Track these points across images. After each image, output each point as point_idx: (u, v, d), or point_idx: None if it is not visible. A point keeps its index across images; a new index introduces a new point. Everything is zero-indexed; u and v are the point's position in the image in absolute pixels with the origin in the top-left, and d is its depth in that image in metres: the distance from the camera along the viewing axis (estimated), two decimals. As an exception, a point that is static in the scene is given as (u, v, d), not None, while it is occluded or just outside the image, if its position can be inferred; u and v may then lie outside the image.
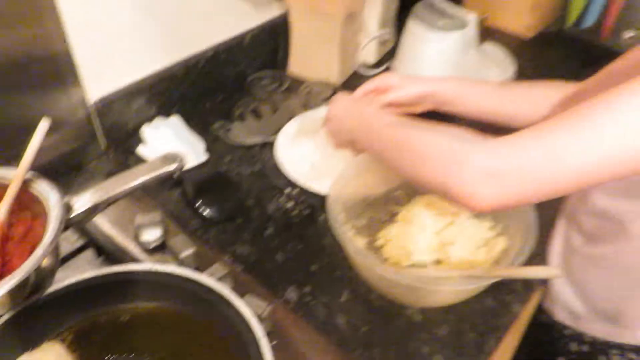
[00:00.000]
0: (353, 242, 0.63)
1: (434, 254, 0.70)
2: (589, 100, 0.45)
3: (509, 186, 0.47)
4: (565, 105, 0.64)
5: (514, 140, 0.47)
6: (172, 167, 0.66)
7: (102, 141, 0.86)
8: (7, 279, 0.52)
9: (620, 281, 0.64)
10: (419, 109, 0.76)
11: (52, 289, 0.58)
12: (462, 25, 0.93)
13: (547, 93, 0.68)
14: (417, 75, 0.87)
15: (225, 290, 0.58)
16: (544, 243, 0.75)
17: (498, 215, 0.70)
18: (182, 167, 0.67)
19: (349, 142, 0.70)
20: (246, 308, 0.56)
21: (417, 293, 0.62)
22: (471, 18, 0.93)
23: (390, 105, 0.74)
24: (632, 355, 0.65)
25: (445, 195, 0.51)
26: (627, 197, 0.60)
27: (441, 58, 0.95)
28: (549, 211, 0.73)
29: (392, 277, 0.59)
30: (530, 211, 0.64)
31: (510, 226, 0.67)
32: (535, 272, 0.59)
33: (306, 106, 0.98)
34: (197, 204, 0.77)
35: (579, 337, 0.72)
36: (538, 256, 0.75)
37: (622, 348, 0.66)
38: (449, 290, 0.62)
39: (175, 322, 0.59)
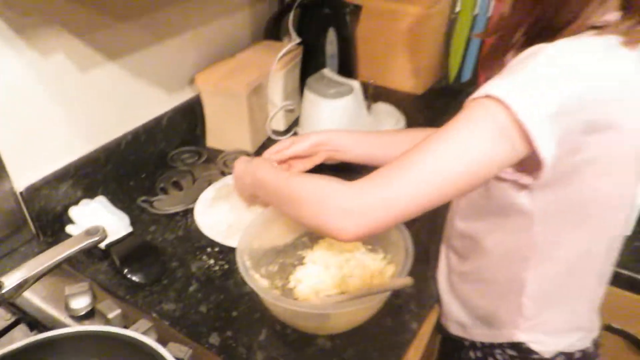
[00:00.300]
0: (258, 283, 0.73)
1: (338, 288, 0.81)
2: (427, 137, 0.58)
3: (368, 217, 0.59)
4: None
5: (368, 179, 0.60)
6: (95, 239, 0.75)
7: (31, 226, 0.93)
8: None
9: (488, 291, 0.76)
10: (318, 160, 0.89)
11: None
12: (350, 91, 1.09)
13: (414, 136, 0.83)
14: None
15: (147, 340, 0.65)
16: (435, 267, 0.87)
17: (386, 247, 0.82)
18: (104, 238, 0.76)
19: (252, 197, 0.81)
20: (169, 354, 0.64)
21: (319, 320, 0.72)
22: (356, 84, 1.09)
23: (292, 158, 0.87)
24: (510, 352, 0.76)
25: (321, 232, 0.62)
26: (478, 218, 0.73)
27: (337, 121, 1.09)
28: (436, 239, 0.86)
29: (293, 308, 0.69)
30: (408, 239, 0.76)
31: (396, 255, 0.79)
32: (395, 283, 0.71)
33: (223, 174, 1.09)
34: (125, 271, 0.85)
35: (473, 345, 0.83)
36: (430, 278, 0.87)
37: (502, 347, 0.77)
38: (343, 313, 0.72)
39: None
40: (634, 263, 0.93)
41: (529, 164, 0.58)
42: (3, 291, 0.68)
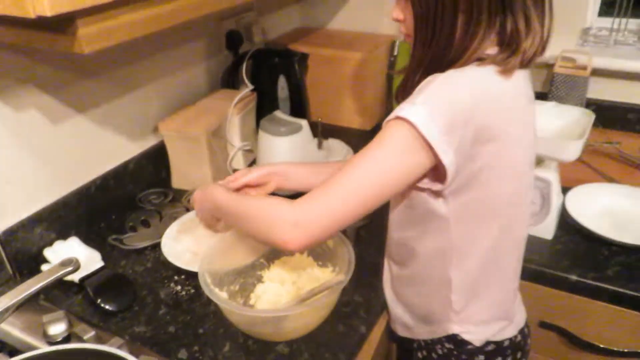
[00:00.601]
0: (218, 295, 0.82)
1: (294, 300, 0.90)
2: (352, 157, 0.70)
3: (310, 228, 0.69)
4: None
5: (308, 197, 0.70)
6: (69, 268, 0.83)
7: (9, 267, 1.00)
8: None
9: (423, 291, 0.87)
10: (269, 188, 0.99)
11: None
12: (299, 129, 1.21)
13: None
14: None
15: (121, 352, 0.73)
16: (381, 277, 0.97)
17: (334, 261, 0.92)
18: (77, 267, 0.84)
19: (212, 220, 0.90)
20: (139, 363, 0.72)
21: (273, 324, 0.81)
22: (304, 123, 1.22)
23: (245, 186, 0.97)
24: (448, 345, 0.86)
25: (271, 244, 0.72)
26: (407, 227, 0.84)
27: (289, 156, 1.21)
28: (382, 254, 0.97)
29: (248, 314, 0.78)
30: (351, 252, 0.87)
31: (342, 267, 0.89)
32: (332, 281, 0.82)
33: (188, 210, 1.18)
34: (98, 301, 0.92)
35: (419, 346, 0.92)
36: (378, 289, 0.97)
37: (441, 342, 0.87)
38: (294, 315, 0.81)
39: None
40: (556, 263, 1.05)
41: (438, 173, 0.70)
42: (-14, 320, 0.75)
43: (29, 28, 0.73)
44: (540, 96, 1.45)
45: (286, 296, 0.90)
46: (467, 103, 0.67)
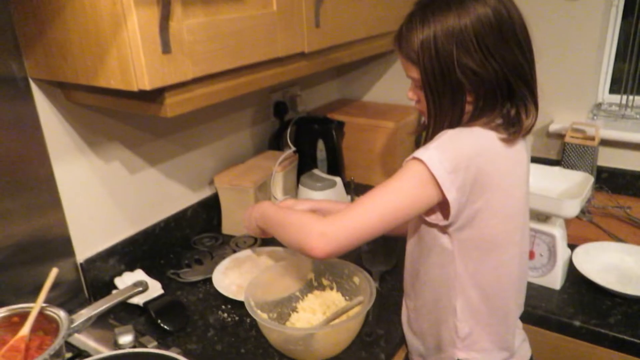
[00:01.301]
0: (259, 315, 0.97)
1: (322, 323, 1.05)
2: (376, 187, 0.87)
3: (336, 238, 0.85)
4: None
5: (336, 214, 0.87)
6: (140, 289, 1.02)
7: (86, 291, 1.19)
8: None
9: (432, 320, 0.99)
10: None
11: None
12: (333, 184, 1.40)
13: None
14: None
15: (181, 357, 0.89)
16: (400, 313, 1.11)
17: (358, 294, 1.07)
18: (146, 288, 1.03)
19: (255, 228, 1.07)
20: (193, 366, 0.87)
21: (305, 342, 0.95)
22: (338, 180, 1.41)
23: None
24: (455, 371, 0.98)
25: (301, 251, 0.88)
26: (417, 260, 0.98)
27: (324, 207, 1.38)
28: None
29: (285, 331, 0.93)
30: (373, 286, 1.02)
31: (365, 299, 1.03)
32: (353, 302, 0.98)
33: (235, 252, 1.36)
34: (158, 321, 1.09)
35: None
36: (397, 324, 1.10)
37: (449, 368, 0.99)
38: (322, 334, 0.96)
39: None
40: (561, 310, 1.16)
41: (444, 209, 0.86)
42: (73, 325, 0.93)
43: (127, 98, 0.96)
44: (554, 163, 1.60)
45: (317, 324, 1.05)
46: (470, 153, 0.84)
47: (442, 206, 0.86)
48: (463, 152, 0.84)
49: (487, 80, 0.84)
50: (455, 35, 0.83)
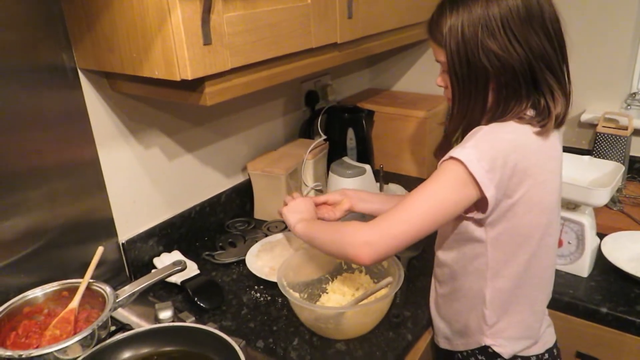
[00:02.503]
0: (291, 294, 1.02)
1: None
2: (415, 189, 0.90)
3: (380, 244, 0.88)
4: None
5: (378, 219, 0.90)
6: (179, 267, 1.07)
7: (127, 270, 1.26)
8: (79, 333, 0.89)
9: (461, 306, 1.02)
10: (343, 207, 1.19)
11: (109, 340, 0.93)
12: (363, 172, 1.43)
13: None
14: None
15: (217, 331, 0.94)
16: (428, 296, 1.14)
17: (386, 277, 1.10)
18: (185, 267, 1.08)
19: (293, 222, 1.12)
20: (230, 339, 0.92)
21: (335, 321, 0.99)
22: (368, 167, 1.44)
23: (324, 203, 1.19)
24: (480, 356, 1.01)
25: (346, 259, 0.92)
26: (450, 249, 1.01)
27: (354, 194, 1.42)
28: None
29: (316, 310, 0.98)
30: (401, 269, 1.05)
31: (393, 281, 1.07)
32: (381, 283, 1.02)
33: (266, 236, 1.41)
34: (195, 299, 1.15)
35: (457, 357, 1.07)
36: (424, 306, 1.13)
37: (475, 354, 1.01)
38: (351, 314, 1.00)
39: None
40: (589, 297, 1.17)
41: (481, 203, 0.88)
42: (118, 300, 1.00)
43: (169, 87, 1.01)
44: (585, 153, 1.59)
45: (345, 304, 1.09)
46: (506, 149, 0.85)
47: (479, 202, 0.88)
48: (500, 149, 0.85)
49: (510, 66, 0.85)
50: (481, 20, 0.85)
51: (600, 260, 1.25)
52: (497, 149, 0.85)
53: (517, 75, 0.86)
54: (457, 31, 0.87)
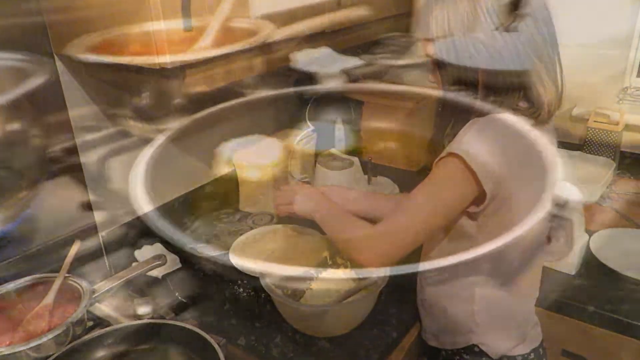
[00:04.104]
0: (274, 290, 0.99)
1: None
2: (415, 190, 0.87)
3: (381, 251, 0.87)
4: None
5: (383, 222, 0.88)
6: (158, 262, 1.04)
7: (107, 264, 1.23)
8: (52, 330, 0.86)
9: (450, 303, 1.00)
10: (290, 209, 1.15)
11: (85, 337, 0.90)
12: (350, 164, 1.40)
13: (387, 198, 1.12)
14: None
15: (196, 329, 0.91)
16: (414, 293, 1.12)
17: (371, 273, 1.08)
18: (165, 262, 1.05)
19: (289, 207, 1.08)
20: (209, 337, 0.90)
21: (317, 319, 0.97)
22: (355, 160, 1.41)
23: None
24: (465, 356, 0.99)
25: (351, 259, 0.89)
26: (444, 245, 0.99)
27: (341, 187, 1.39)
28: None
29: (299, 307, 0.95)
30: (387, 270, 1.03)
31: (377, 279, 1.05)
32: (364, 283, 0.99)
33: (251, 229, 1.38)
34: (176, 294, 1.13)
35: (443, 356, 1.05)
36: (409, 302, 1.11)
37: (460, 353, 1.00)
38: (334, 312, 0.98)
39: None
40: (576, 295, 1.16)
41: (478, 198, 0.86)
42: (95, 295, 0.97)
43: (148, 74, 0.97)
44: (575, 147, 1.57)
45: (330, 301, 1.07)
46: (502, 142, 0.84)
47: (476, 196, 0.86)
48: (495, 143, 0.83)
49: (497, 52, 0.83)
50: (467, 9, 0.83)
51: (588, 257, 1.24)
52: (493, 142, 0.83)
53: (505, 64, 0.84)
54: (443, 21, 0.84)
